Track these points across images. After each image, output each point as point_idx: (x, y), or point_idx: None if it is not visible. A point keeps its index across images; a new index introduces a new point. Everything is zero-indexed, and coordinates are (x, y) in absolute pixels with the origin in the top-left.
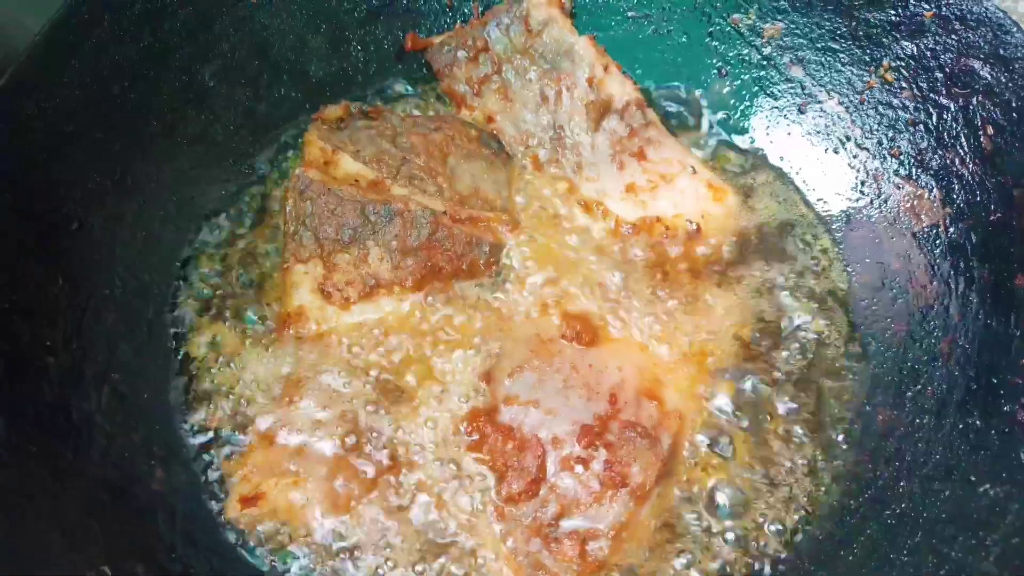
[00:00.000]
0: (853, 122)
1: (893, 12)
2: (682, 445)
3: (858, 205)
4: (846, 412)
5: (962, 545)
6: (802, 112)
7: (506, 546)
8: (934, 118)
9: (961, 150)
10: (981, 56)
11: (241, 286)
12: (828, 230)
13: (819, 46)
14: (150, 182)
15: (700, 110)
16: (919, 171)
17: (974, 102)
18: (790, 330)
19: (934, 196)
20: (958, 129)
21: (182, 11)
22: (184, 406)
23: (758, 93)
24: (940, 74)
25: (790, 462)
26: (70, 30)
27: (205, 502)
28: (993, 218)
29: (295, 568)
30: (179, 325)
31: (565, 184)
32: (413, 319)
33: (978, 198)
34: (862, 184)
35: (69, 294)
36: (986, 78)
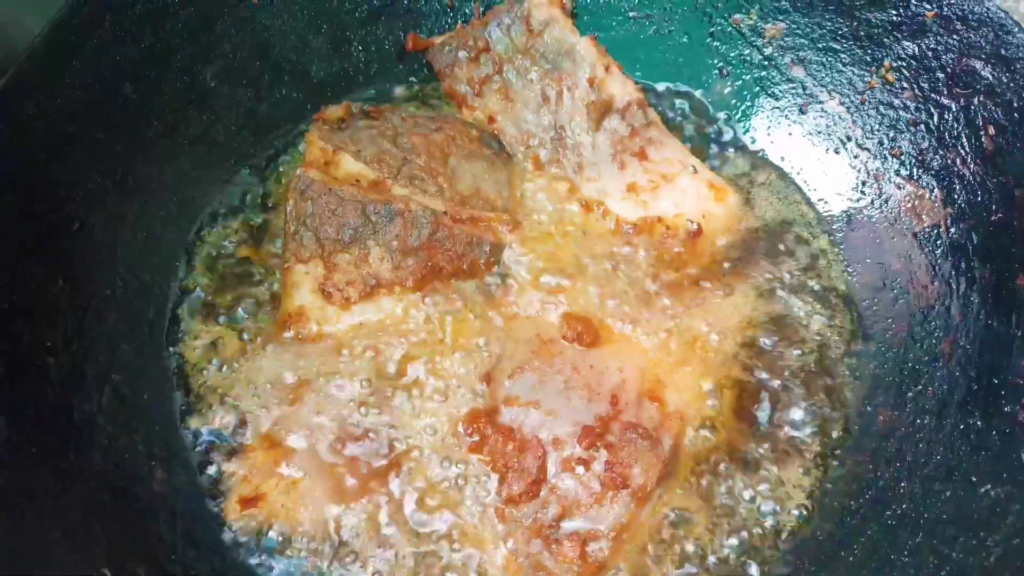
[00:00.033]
0: (854, 122)
1: (894, 12)
2: (683, 446)
3: (859, 205)
4: (847, 413)
5: (963, 546)
6: (803, 112)
7: (507, 547)
8: (935, 118)
9: (962, 150)
10: (983, 56)
11: (242, 287)
12: (829, 230)
13: (820, 46)
14: (151, 182)
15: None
16: (920, 171)
17: (975, 102)
18: (790, 330)
19: (935, 196)
20: (959, 129)
21: (183, 12)
22: (185, 407)
23: (759, 93)
24: (941, 74)
25: (790, 462)
26: (71, 30)
27: (206, 503)
28: (994, 218)
29: (295, 569)
30: (180, 326)
31: (566, 184)
32: (414, 319)
33: (979, 198)
34: (863, 184)
35: (70, 294)
36: (987, 78)
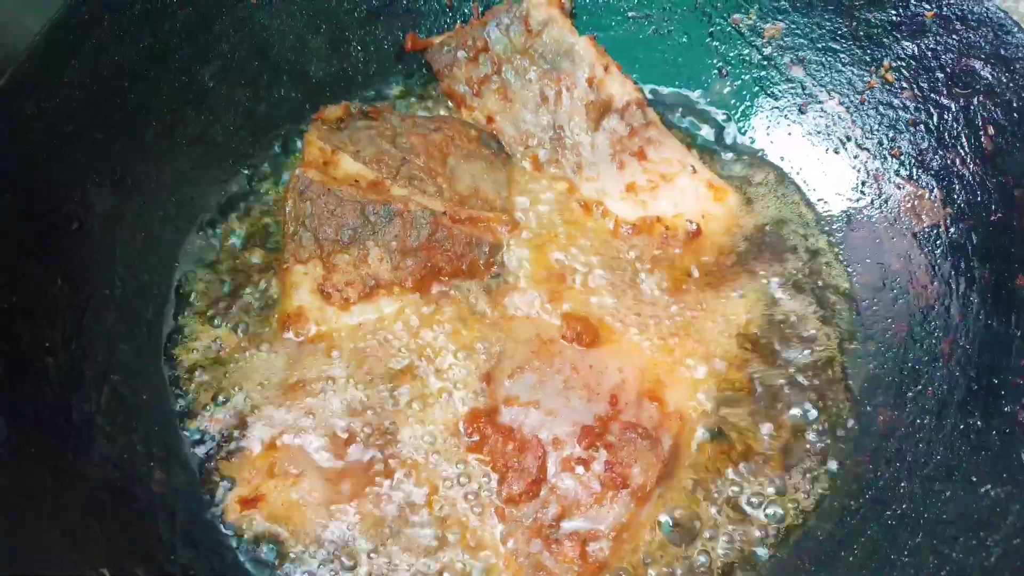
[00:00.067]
0: (854, 122)
1: (894, 12)
2: (683, 446)
3: (859, 205)
4: (847, 412)
5: (963, 546)
6: (803, 112)
7: (507, 547)
8: (935, 118)
9: (962, 150)
10: (982, 56)
11: (241, 287)
12: (828, 230)
13: (820, 46)
14: (150, 182)
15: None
16: (920, 171)
17: (975, 102)
18: (790, 330)
19: (935, 196)
20: (959, 129)
21: (182, 12)
22: (184, 407)
23: (759, 93)
24: (941, 74)
25: (790, 462)
26: (70, 30)
27: (205, 503)
28: (994, 218)
29: (294, 570)
30: (179, 326)
31: (565, 184)
32: (413, 320)
33: (979, 198)
34: (863, 184)
35: (69, 294)
36: (987, 78)
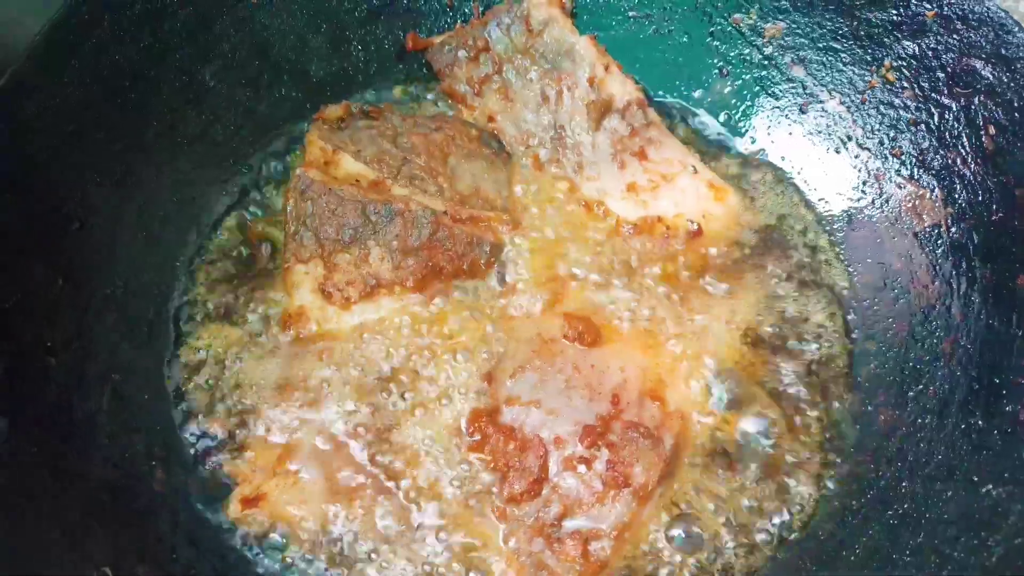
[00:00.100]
0: (854, 122)
1: (895, 12)
2: (684, 445)
3: (859, 205)
4: (848, 412)
5: (964, 545)
6: (803, 112)
7: (508, 546)
8: (936, 118)
9: (963, 150)
10: (983, 56)
11: (242, 286)
12: (829, 230)
13: (820, 46)
14: (151, 182)
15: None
16: (921, 171)
17: (976, 102)
18: (791, 330)
19: (936, 196)
20: (960, 129)
21: (182, 11)
22: (185, 407)
23: (759, 93)
24: (942, 74)
25: (792, 461)
26: (70, 30)
27: (206, 503)
28: (995, 218)
29: (296, 568)
30: (180, 325)
31: (566, 184)
32: (414, 319)
33: (980, 198)
34: (863, 184)
35: (70, 294)
36: (988, 78)
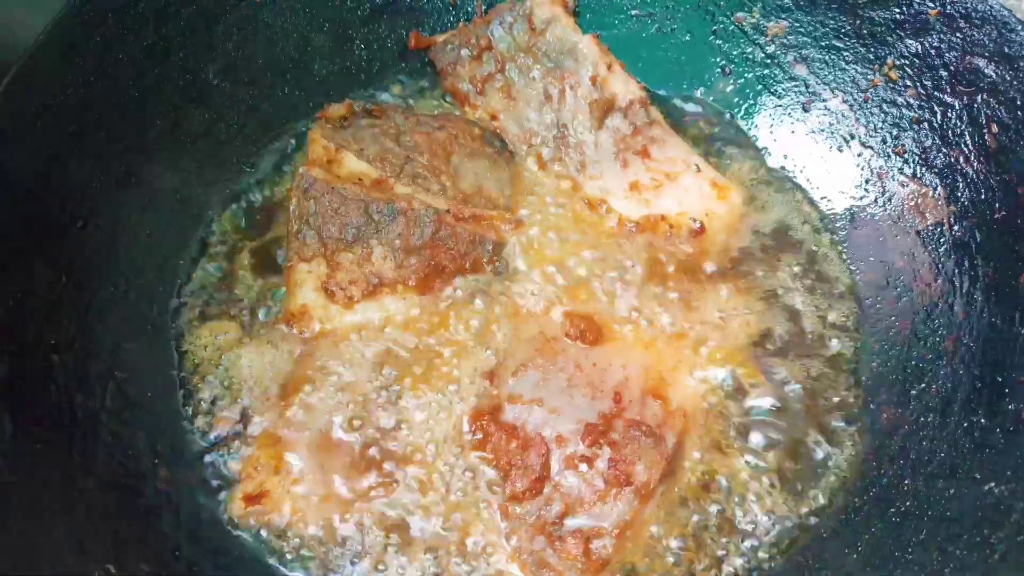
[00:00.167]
0: (857, 120)
1: (897, 10)
2: (686, 444)
3: (862, 203)
4: (851, 410)
5: (967, 543)
6: (806, 110)
7: (510, 544)
8: (938, 116)
9: (965, 148)
10: (986, 54)
11: (244, 285)
12: (832, 228)
13: (823, 44)
14: (154, 181)
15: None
16: (923, 169)
17: (979, 100)
18: (793, 328)
19: (938, 194)
20: (962, 127)
21: (185, 10)
22: (188, 405)
23: (762, 91)
24: (944, 72)
25: (793, 460)
26: (73, 29)
27: (209, 500)
28: (997, 216)
29: (298, 566)
30: (183, 324)
31: (569, 182)
32: (416, 318)
33: (982, 196)
34: (866, 182)
35: (73, 293)
36: (991, 76)
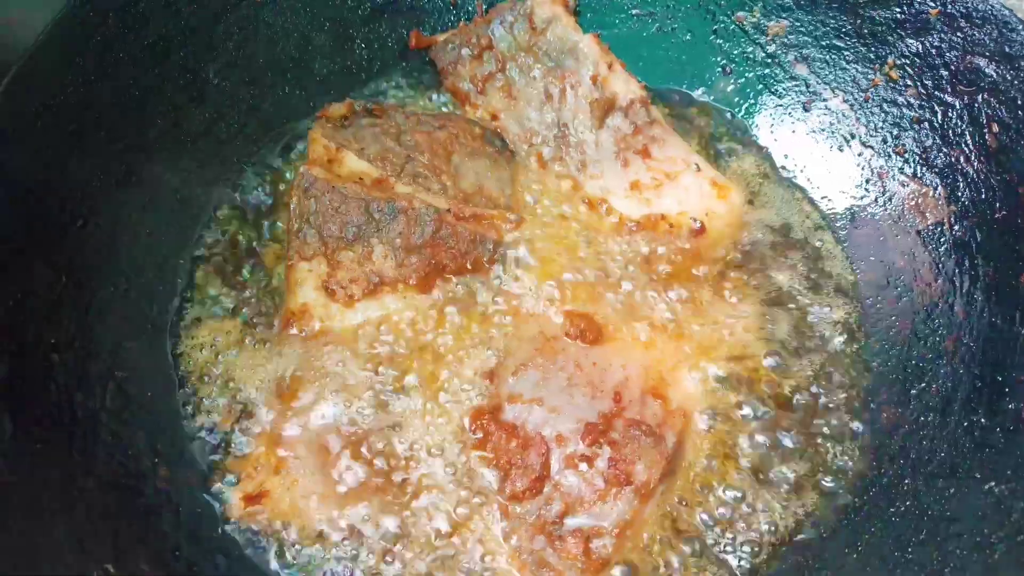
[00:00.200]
0: (858, 120)
1: (898, 9)
2: (686, 443)
3: (863, 203)
4: (851, 410)
5: (967, 543)
6: (807, 110)
7: (510, 544)
8: (939, 116)
9: (966, 148)
10: (986, 54)
11: (245, 284)
12: (832, 228)
13: (824, 44)
14: (154, 180)
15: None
16: (924, 169)
17: (979, 100)
18: (793, 328)
19: (939, 194)
20: (963, 127)
21: (186, 9)
22: (188, 405)
23: (762, 91)
24: (945, 72)
25: (794, 459)
26: (74, 28)
27: (209, 500)
28: (998, 216)
29: (298, 566)
30: (183, 323)
31: (569, 182)
32: (417, 317)
33: (983, 196)
34: (867, 182)
35: (73, 292)
36: (991, 75)
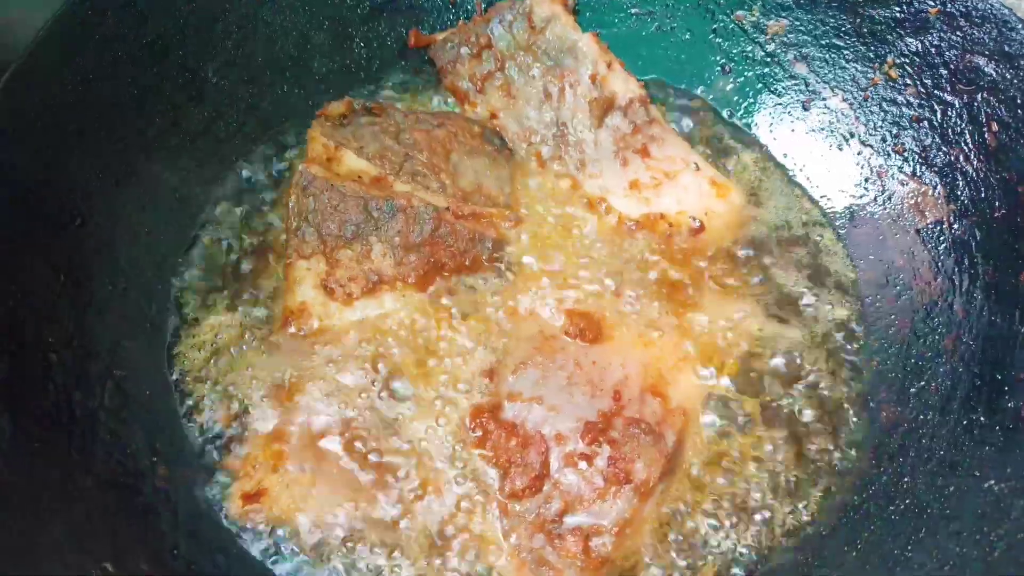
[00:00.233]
0: (857, 119)
1: (898, 8)
2: (686, 442)
3: (862, 202)
4: (850, 408)
5: (966, 541)
6: (806, 109)
7: (509, 542)
8: (938, 115)
9: (965, 147)
10: (986, 53)
11: (243, 283)
12: (832, 227)
13: (823, 43)
14: (153, 178)
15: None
16: (923, 168)
17: (979, 99)
18: (792, 327)
19: (938, 193)
20: (963, 126)
21: (185, 7)
22: (187, 403)
23: (762, 90)
24: (945, 71)
25: (793, 458)
26: (73, 27)
27: (208, 499)
28: (997, 215)
29: (297, 564)
30: (181, 322)
31: (568, 181)
32: (415, 315)
33: (982, 195)
34: (866, 181)
35: (71, 291)
36: (991, 74)
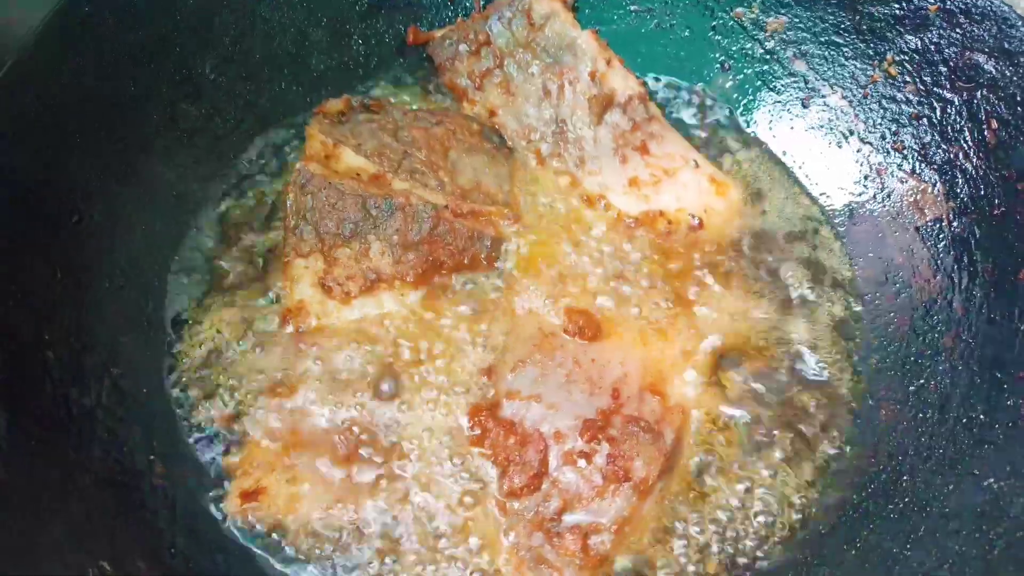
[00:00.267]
0: (856, 116)
1: (897, 6)
2: (685, 440)
3: (861, 199)
4: (850, 406)
5: (966, 539)
6: (805, 106)
7: (508, 540)
8: (938, 112)
9: (965, 144)
10: (985, 50)
11: (241, 280)
12: (831, 224)
13: (822, 40)
14: (150, 175)
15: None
16: (923, 165)
17: (978, 96)
18: (792, 325)
19: (938, 190)
20: (962, 123)
21: (183, 4)
22: (184, 401)
23: (761, 87)
24: (944, 68)
25: (793, 456)
26: (70, 23)
27: (206, 497)
28: (997, 212)
29: (295, 562)
30: (179, 319)
31: (567, 178)
32: (414, 314)
33: (982, 192)
34: (865, 178)
35: (69, 288)
36: (990, 72)
